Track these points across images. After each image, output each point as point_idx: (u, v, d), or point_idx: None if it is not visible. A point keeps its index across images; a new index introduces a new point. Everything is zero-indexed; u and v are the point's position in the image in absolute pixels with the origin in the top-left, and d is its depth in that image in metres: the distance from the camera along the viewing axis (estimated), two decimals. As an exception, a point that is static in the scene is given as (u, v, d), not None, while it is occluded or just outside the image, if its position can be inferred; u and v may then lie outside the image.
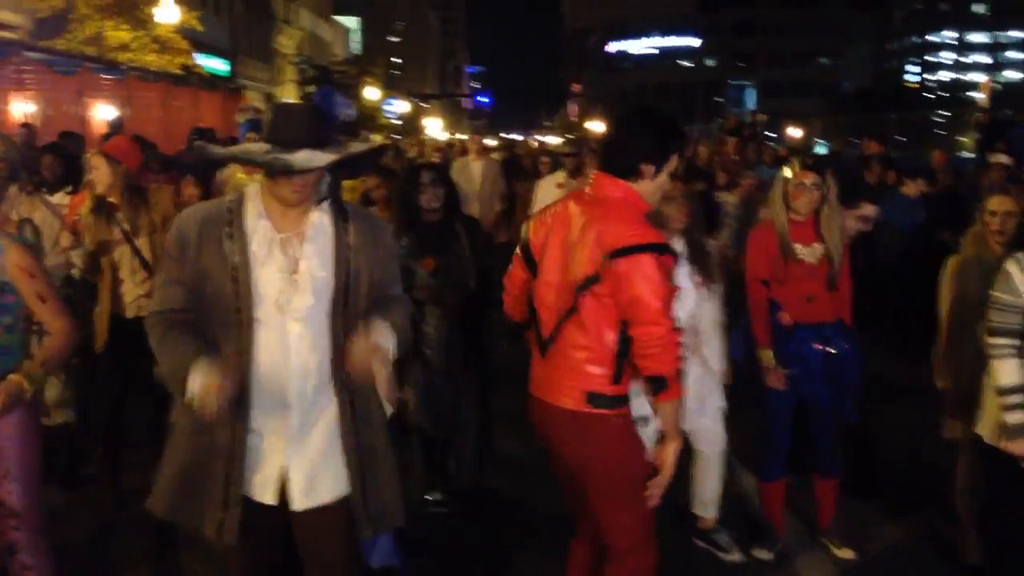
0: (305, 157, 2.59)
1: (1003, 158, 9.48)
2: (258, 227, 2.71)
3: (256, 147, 2.67)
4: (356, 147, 2.91)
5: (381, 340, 2.67)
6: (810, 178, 4.23)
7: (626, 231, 2.95)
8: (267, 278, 2.69)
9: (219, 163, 8.33)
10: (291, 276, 2.70)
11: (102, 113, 15.01)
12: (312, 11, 52.33)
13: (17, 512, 3.18)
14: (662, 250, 3.01)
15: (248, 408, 2.69)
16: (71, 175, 6.22)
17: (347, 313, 2.77)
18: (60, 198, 6.07)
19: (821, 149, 22.85)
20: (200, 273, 2.68)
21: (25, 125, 11.17)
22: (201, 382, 2.52)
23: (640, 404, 3.67)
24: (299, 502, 2.75)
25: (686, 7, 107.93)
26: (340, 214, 2.81)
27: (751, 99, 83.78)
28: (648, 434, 3.97)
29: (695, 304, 4.17)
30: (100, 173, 4.77)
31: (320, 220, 2.77)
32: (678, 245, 4.07)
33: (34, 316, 3.24)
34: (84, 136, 10.82)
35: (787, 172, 4.31)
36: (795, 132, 24.93)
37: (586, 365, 3.03)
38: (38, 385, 3.17)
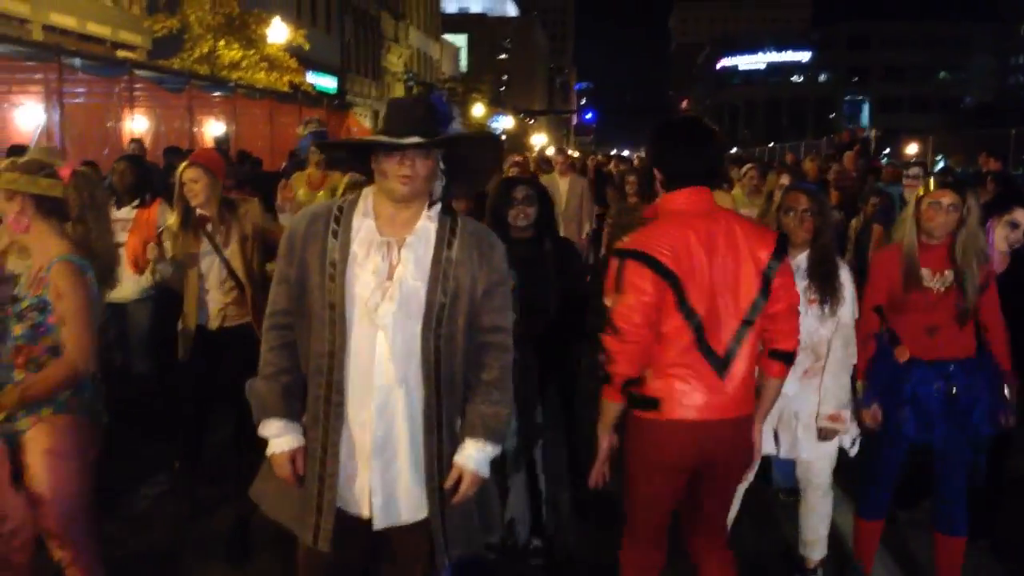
0: (416, 138, 2.55)
1: None
2: (362, 226, 2.66)
3: (368, 136, 2.70)
4: (464, 131, 2.89)
5: (478, 472, 2.70)
6: (948, 197, 3.76)
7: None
8: (363, 279, 2.63)
9: (275, 179, 8.55)
10: (384, 281, 2.62)
11: (210, 129, 15.46)
12: (421, 30, 53.25)
13: (55, 533, 3.12)
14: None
15: (341, 411, 2.64)
16: (142, 187, 6.17)
17: (440, 329, 2.66)
18: (127, 212, 6.03)
19: (939, 166, 21.93)
20: (303, 268, 2.66)
21: (135, 140, 11.55)
22: (274, 448, 2.68)
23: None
24: (378, 519, 2.68)
25: (799, 22, 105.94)
26: (450, 225, 2.70)
27: (865, 114, 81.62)
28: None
29: (811, 323, 3.83)
30: (198, 186, 4.71)
31: (426, 228, 2.68)
32: (799, 259, 3.84)
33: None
34: (191, 151, 11.11)
35: (921, 190, 3.88)
36: (911, 148, 24.04)
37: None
38: (8, 413, 3.05)
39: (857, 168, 11.81)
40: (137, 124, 13.57)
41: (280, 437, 2.67)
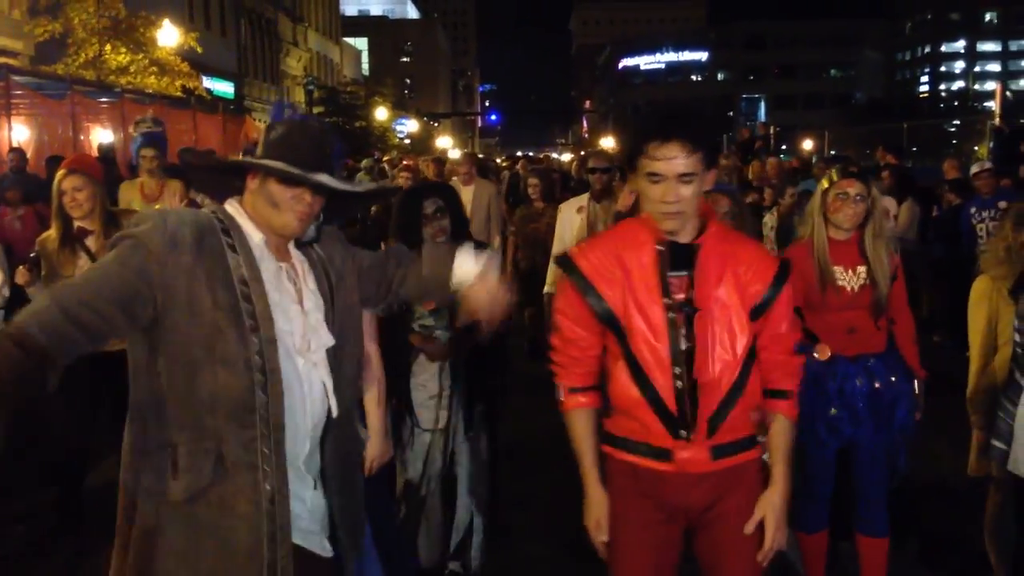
0: (328, 179, 2.27)
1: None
2: (261, 245, 2.30)
3: (269, 161, 2.27)
4: (369, 185, 2.60)
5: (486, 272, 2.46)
6: (855, 187, 3.61)
7: None
8: (282, 307, 2.28)
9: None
10: (302, 310, 2.33)
11: (96, 136, 14.78)
12: (320, 33, 52.43)
13: None
14: (562, 264, 2.67)
15: (282, 450, 2.22)
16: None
17: (352, 350, 2.44)
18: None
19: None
20: (193, 291, 2.14)
21: (15, 149, 10.92)
22: None
23: None
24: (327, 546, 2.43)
25: (695, 22, 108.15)
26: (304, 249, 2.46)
27: (762, 112, 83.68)
28: None
29: None
30: (82, 195, 4.28)
31: (297, 252, 2.40)
32: None
33: None
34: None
35: (825, 182, 3.72)
36: (807, 144, 24.59)
37: None
38: None
39: (769, 166, 11.91)
40: (16, 133, 12.85)
41: None
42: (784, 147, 25.92)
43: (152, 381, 2.21)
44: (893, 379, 3.72)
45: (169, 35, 20.66)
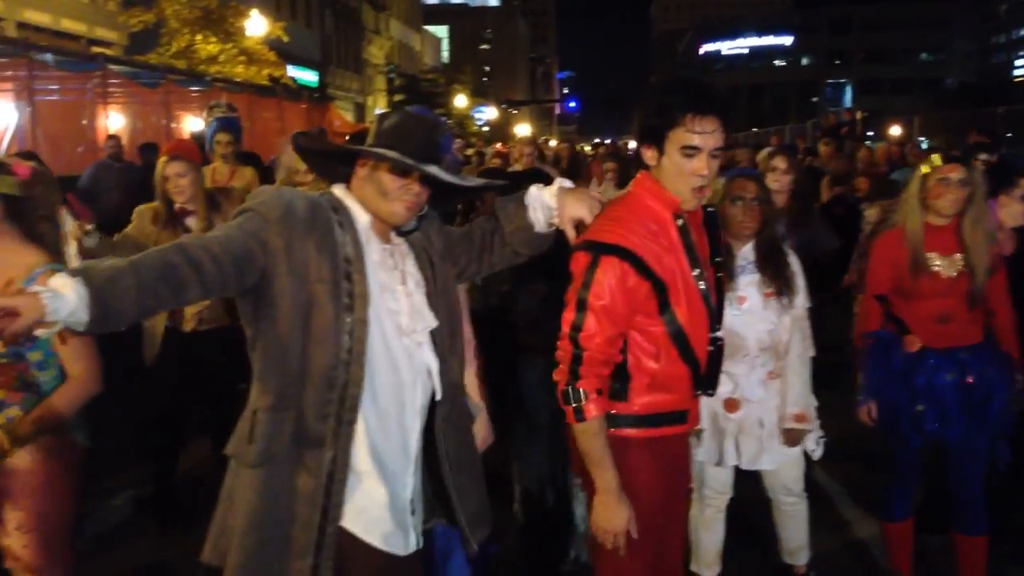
0: (439, 171, 2.34)
1: None
2: (367, 227, 2.38)
3: (382, 149, 2.34)
4: (476, 180, 2.71)
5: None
6: (958, 172, 3.50)
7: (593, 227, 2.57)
8: (389, 288, 2.37)
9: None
10: (407, 291, 2.41)
11: (188, 125, 15.19)
12: (402, 21, 52.88)
13: (32, 567, 2.87)
14: (611, 252, 2.51)
15: (352, 431, 2.30)
16: None
17: (447, 334, 2.50)
18: None
19: (924, 147, 21.82)
20: (303, 262, 2.24)
21: (112, 137, 11.30)
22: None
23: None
24: (413, 541, 2.44)
25: (780, 6, 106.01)
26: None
27: (848, 97, 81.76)
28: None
29: (771, 319, 3.61)
30: (185, 180, 4.43)
31: (397, 236, 2.49)
32: (746, 251, 3.60)
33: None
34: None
35: (925, 167, 3.63)
36: (895, 130, 23.93)
37: None
38: (22, 444, 2.77)
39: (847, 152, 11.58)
40: (113, 121, 13.29)
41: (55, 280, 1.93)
42: (871, 133, 25.30)
43: (254, 353, 2.34)
44: (987, 373, 3.60)
45: (257, 25, 21.09)
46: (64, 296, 1.88)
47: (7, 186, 2.81)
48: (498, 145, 10.22)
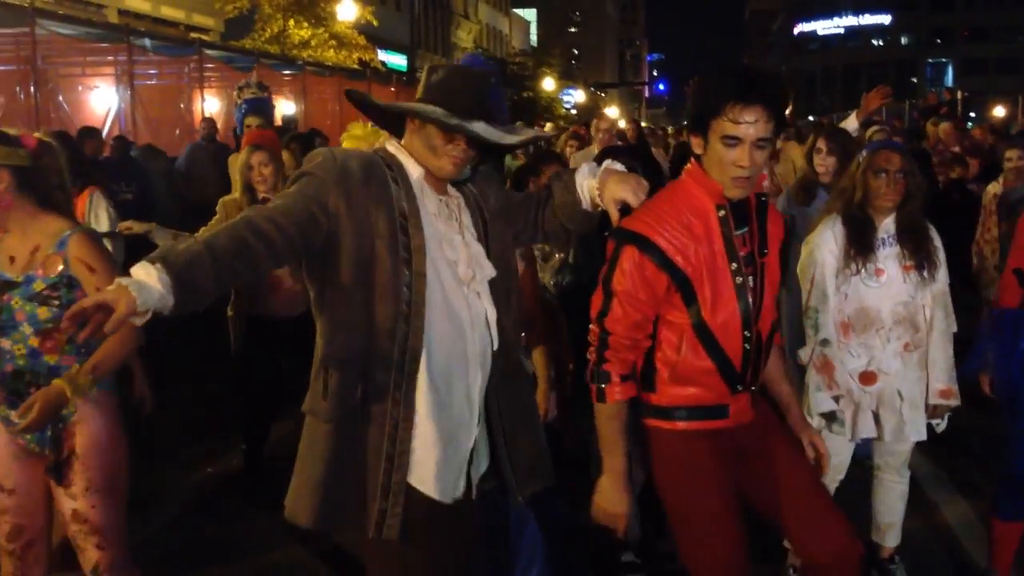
0: (485, 129, 2.36)
1: None
2: (420, 180, 2.42)
3: (428, 107, 2.37)
4: (527, 132, 2.69)
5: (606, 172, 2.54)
6: None
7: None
8: (447, 238, 2.41)
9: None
10: (463, 241, 2.45)
11: (280, 108, 15.50)
12: (490, 5, 52.94)
13: (101, 529, 2.94)
14: (632, 241, 2.50)
15: (414, 381, 2.36)
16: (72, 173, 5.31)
17: (509, 286, 2.55)
18: None
19: (1029, 129, 20.93)
20: (361, 218, 2.30)
21: (207, 119, 11.61)
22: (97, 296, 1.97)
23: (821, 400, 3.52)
24: (461, 487, 2.48)
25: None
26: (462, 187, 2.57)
27: (949, 77, 78.99)
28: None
29: (909, 292, 3.55)
30: (268, 170, 4.50)
31: (453, 188, 2.52)
32: (887, 224, 3.54)
33: None
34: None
35: None
36: (999, 111, 23.01)
37: None
38: (83, 393, 2.84)
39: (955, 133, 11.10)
40: (208, 104, 13.66)
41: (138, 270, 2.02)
42: (973, 114, 24.42)
43: (320, 312, 2.40)
44: None
45: (348, 10, 21.39)
46: (150, 286, 1.97)
47: (18, 158, 2.88)
48: (574, 128, 10.05)
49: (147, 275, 1.98)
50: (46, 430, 2.89)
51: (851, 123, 5.50)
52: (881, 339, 3.55)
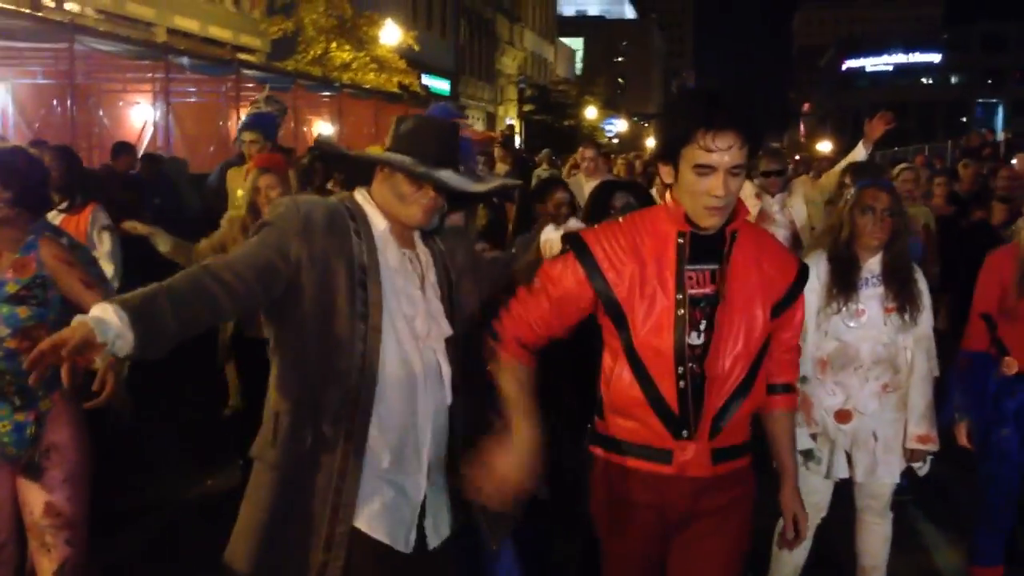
0: (452, 178, 2.40)
1: None
2: (385, 233, 2.44)
3: (396, 156, 2.41)
4: (494, 181, 2.75)
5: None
6: None
7: None
8: (405, 293, 2.42)
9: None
10: (424, 297, 2.46)
11: (316, 128, 15.74)
12: (536, 33, 53.32)
13: (73, 522, 3.03)
14: (573, 245, 2.44)
15: (365, 433, 2.36)
16: (72, 186, 4.85)
17: (465, 344, 2.53)
18: (52, 215, 4.29)
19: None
20: (322, 269, 2.32)
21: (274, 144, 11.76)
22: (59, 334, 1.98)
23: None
24: (431, 539, 2.48)
25: (929, 22, 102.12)
26: (434, 232, 2.59)
27: (1000, 118, 78.03)
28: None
29: (889, 334, 3.50)
30: (275, 192, 4.52)
31: (421, 243, 2.54)
32: (871, 264, 3.50)
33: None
34: (295, 149, 11.30)
35: None
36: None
37: None
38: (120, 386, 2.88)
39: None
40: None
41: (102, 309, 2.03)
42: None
43: (275, 355, 2.43)
44: None
45: (391, 34, 21.67)
46: (106, 320, 1.98)
47: None
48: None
49: (103, 311, 2.01)
50: (25, 430, 2.97)
51: (859, 153, 5.49)
52: (859, 378, 3.51)
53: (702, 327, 2.37)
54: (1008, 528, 3.66)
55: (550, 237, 2.60)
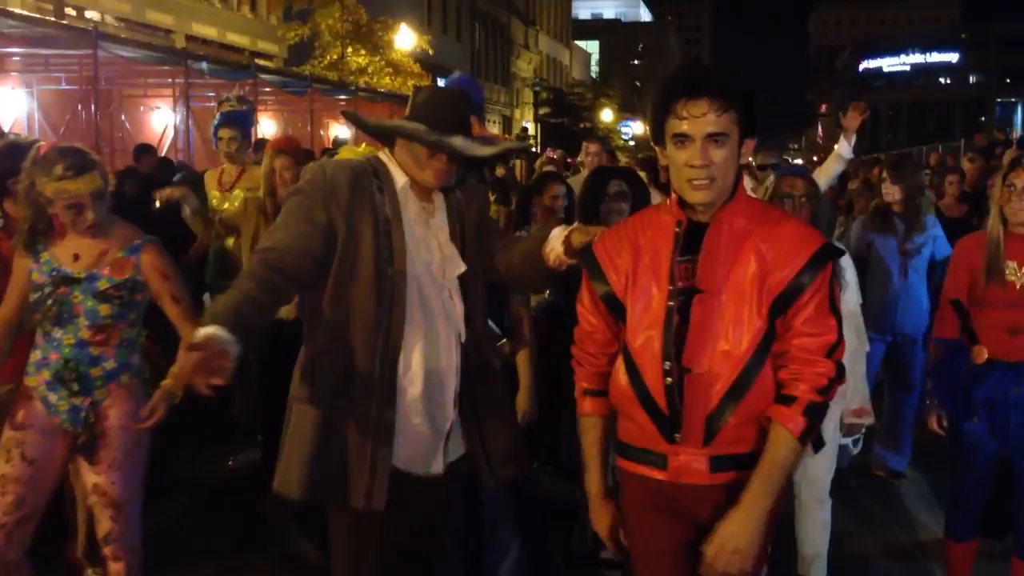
0: (462, 143, 2.63)
1: None
2: (406, 188, 2.70)
3: (411, 125, 2.65)
4: (505, 144, 2.96)
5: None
6: (1022, 179, 3.46)
7: None
8: (424, 242, 2.70)
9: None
10: (439, 243, 2.73)
11: (333, 131, 16.02)
12: (551, 36, 53.49)
13: (117, 503, 3.23)
14: (584, 252, 2.51)
15: (395, 367, 2.64)
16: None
17: (476, 285, 2.81)
18: None
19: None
20: (350, 224, 2.59)
21: (260, 139, 12.03)
22: (194, 351, 2.21)
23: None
24: (440, 465, 2.77)
25: (947, 22, 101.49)
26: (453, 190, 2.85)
27: (1019, 118, 77.48)
28: None
29: None
30: (289, 174, 4.69)
31: (439, 194, 2.80)
32: None
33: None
34: (311, 151, 11.56)
35: (1002, 173, 3.62)
36: (1063, 152, 22.44)
37: None
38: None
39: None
40: (264, 126, 14.18)
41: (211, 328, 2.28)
42: (1033, 154, 23.95)
43: (308, 306, 2.71)
44: None
45: (405, 39, 21.97)
46: (229, 341, 2.24)
47: (96, 182, 3.18)
48: (548, 152, 10.46)
49: (223, 333, 2.25)
50: (80, 411, 3.21)
51: (842, 147, 5.66)
52: None
53: (679, 321, 2.26)
54: (979, 507, 3.72)
55: (556, 236, 2.74)
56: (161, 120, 12.21)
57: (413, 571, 2.87)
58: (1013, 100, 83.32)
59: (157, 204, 5.03)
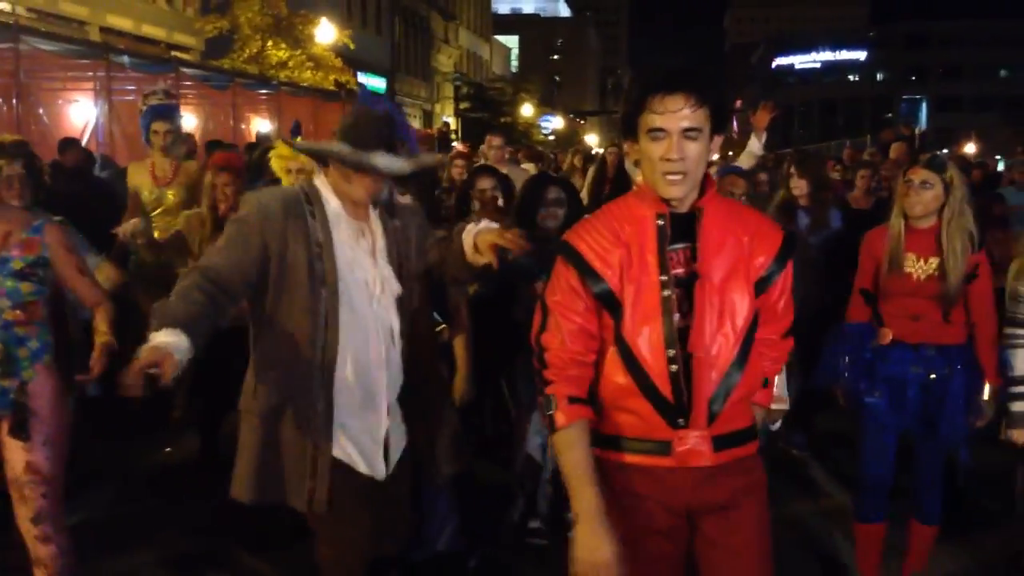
0: (384, 160, 2.82)
1: None
2: (338, 210, 2.91)
3: (336, 145, 2.86)
4: (425, 158, 3.23)
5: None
6: (920, 175, 3.64)
7: None
8: (356, 261, 2.90)
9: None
10: (375, 263, 2.94)
11: (254, 125, 15.94)
12: (471, 31, 53.61)
13: (49, 479, 3.33)
14: (560, 249, 2.41)
15: (331, 380, 2.87)
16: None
17: (411, 299, 3.06)
18: None
19: (1001, 165, 21.46)
20: (283, 249, 2.80)
21: (184, 134, 11.97)
22: (145, 356, 2.42)
23: None
24: (389, 467, 3.03)
25: (855, 21, 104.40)
26: (388, 210, 3.07)
27: (924, 114, 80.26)
28: None
29: None
30: (230, 189, 4.82)
31: (375, 216, 3.02)
32: None
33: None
34: (232, 146, 11.55)
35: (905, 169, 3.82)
36: (969, 147, 23.49)
37: None
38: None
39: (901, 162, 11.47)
40: (186, 121, 14.02)
41: (162, 335, 2.49)
42: (945, 151, 25.03)
43: (253, 324, 2.96)
44: (950, 375, 3.72)
45: (326, 32, 21.90)
46: (180, 345, 2.47)
47: None
48: (456, 145, 10.84)
49: (176, 338, 2.49)
50: (7, 394, 3.32)
51: (752, 145, 5.98)
52: None
53: (684, 308, 2.31)
54: (882, 485, 3.87)
55: (468, 231, 3.01)
56: (80, 113, 12.01)
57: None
58: (918, 96, 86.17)
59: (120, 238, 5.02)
